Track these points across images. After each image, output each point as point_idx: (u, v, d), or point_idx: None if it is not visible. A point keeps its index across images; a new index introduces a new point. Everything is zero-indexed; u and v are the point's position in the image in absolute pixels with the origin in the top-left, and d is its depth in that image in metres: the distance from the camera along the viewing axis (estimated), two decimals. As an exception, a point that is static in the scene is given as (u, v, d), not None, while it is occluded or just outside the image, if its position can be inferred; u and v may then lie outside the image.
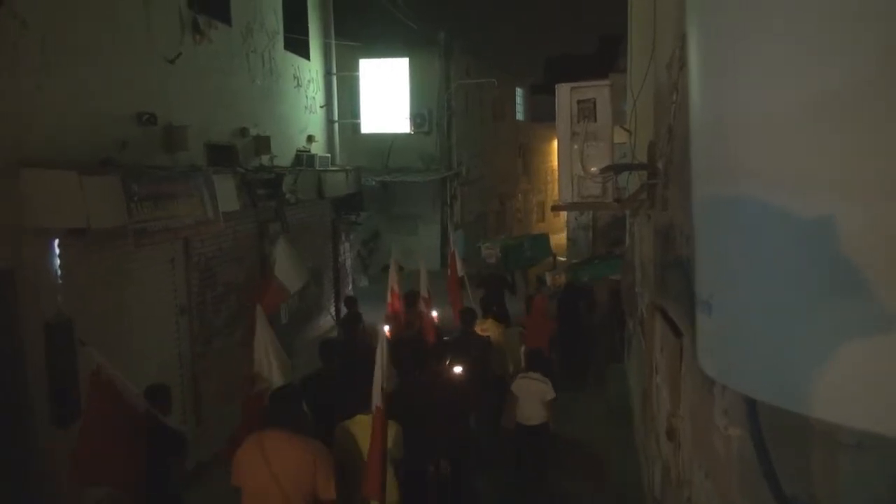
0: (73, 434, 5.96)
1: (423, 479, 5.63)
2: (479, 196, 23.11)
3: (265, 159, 10.26)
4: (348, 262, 14.29)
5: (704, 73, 1.20)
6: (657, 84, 4.74)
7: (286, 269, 7.76)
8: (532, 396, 6.85)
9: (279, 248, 7.90)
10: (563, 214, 28.41)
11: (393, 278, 8.53)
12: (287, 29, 11.42)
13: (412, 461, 5.16)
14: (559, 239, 24.30)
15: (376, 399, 4.35)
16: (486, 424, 7.49)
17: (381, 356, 4.37)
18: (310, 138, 12.34)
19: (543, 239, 17.27)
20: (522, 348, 8.13)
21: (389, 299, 8.45)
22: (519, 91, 29.91)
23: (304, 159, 11.65)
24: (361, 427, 4.64)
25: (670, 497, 4.20)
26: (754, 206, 1.04)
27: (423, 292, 8.26)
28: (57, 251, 5.92)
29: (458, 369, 6.37)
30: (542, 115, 30.25)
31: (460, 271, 9.16)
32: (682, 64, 3.68)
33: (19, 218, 5.56)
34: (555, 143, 32.85)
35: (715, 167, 1.16)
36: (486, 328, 7.95)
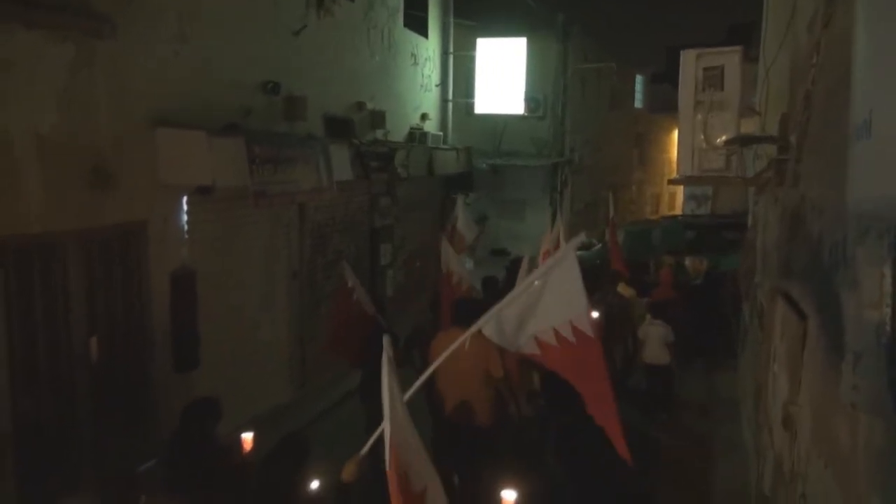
0: (191, 379, 6.39)
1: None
2: (589, 184, 22.44)
3: (379, 133, 10.46)
4: (455, 242, 14.35)
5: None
6: (794, 49, 4.37)
7: (464, 224, 9.99)
8: (655, 340, 8.12)
9: (458, 207, 10.38)
10: (678, 205, 27.19)
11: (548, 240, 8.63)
12: (407, 6, 11.54)
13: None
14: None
15: None
16: (625, 365, 8.91)
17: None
18: (423, 116, 12.46)
19: (677, 225, 15.50)
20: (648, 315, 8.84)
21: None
22: (639, 79, 28.76)
23: (416, 136, 11.80)
24: None
25: (782, 493, 3.93)
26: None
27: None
28: (185, 207, 6.30)
29: (595, 314, 7.21)
30: (663, 104, 28.91)
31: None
32: (826, 22, 3.38)
33: (153, 174, 5.96)
34: (674, 135, 31.39)
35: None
36: (622, 289, 9.03)
